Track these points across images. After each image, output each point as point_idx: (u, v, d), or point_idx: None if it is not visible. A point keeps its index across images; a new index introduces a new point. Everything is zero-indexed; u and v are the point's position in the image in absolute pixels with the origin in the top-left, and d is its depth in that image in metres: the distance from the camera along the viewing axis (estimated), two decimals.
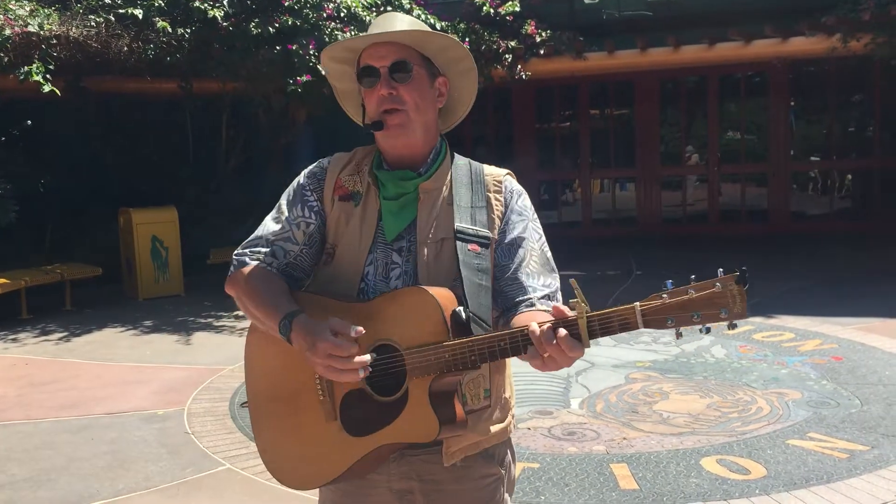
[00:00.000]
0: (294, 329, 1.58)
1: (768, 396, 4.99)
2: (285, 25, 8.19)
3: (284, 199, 1.80)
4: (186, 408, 5.20)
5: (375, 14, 8.57)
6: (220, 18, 8.11)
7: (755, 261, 9.18)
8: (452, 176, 1.76)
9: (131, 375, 6.06)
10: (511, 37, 9.79)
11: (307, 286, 1.80)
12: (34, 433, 4.86)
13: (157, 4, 8.15)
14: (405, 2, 8.92)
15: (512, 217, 1.75)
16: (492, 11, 9.76)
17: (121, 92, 9.88)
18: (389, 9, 8.79)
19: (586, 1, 10.53)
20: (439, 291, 1.58)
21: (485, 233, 1.70)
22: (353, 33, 8.05)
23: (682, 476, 3.86)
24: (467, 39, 9.50)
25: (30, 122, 10.36)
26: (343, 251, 1.73)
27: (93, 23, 8.13)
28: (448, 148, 1.80)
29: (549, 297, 1.69)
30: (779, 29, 9.52)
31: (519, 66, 9.84)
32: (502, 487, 1.78)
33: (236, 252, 1.79)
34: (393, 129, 1.68)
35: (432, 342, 1.54)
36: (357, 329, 1.53)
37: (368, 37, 1.70)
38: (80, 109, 9.73)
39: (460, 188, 1.74)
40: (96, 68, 8.78)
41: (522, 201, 1.77)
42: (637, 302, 1.41)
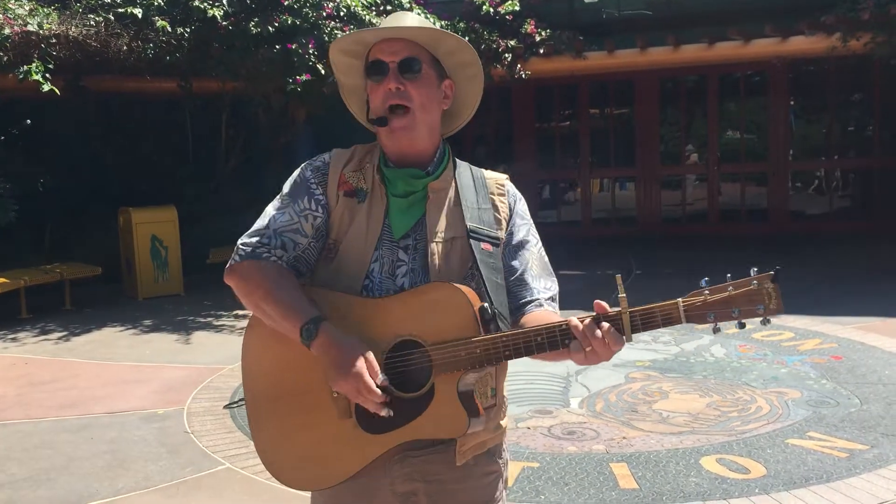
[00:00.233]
0: (320, 336, 1.55)
1: (768, 396, 4.99)
2: (285, 25, 8.19)
3: (288, 191, 1.75)
4: (186, 407, 5.20)
5: (375, 13, 8.57)
6: (220, 17, 8.12)
7: (755, 260, 9.12)
8: (457, 177, 1.76)
9: (131, 375, 6.06)
10: (511, 36, 9.78)
11: (309, 283, 1.77)
12: (34, 432, 4.86)
13: (157, 3, 8.14)
14: (405, 1, 8.91)
15: (517, 220, 1.77)
16: (491, 10, 9.75)
17: (120, 91, 9.88)
18: (389, 8, 8.78)
19: (586, 0, 10.53)
20: (466, 288, 1.59)
21: (495, 233, 1.71)
22: None
23: (682, 475, 3.86)
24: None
25: (29, 122, 10.36)
26: (347, 247, 1.70)
27: (92, 22, 8.12)
28: (450, 151, 1.80)
29: (553, 300, 1.73)
30: (778, 28, 9.52)
31: (518, 66, 9.83)
32: (502, 483, 1.79)
33: (241, 241, 1.72)
34: (397, 132, 1.67)
35: (460, 338, 1.55)
36: (383, 379, 1.52)
37: (381, 30, 1.69)
38: (80, 109, 9.72)
39: (466, 189, 1.74)
40: (96, 67, 8.78)
41: (523, 206, 1.82)
42: (679, 298, 1.50)
